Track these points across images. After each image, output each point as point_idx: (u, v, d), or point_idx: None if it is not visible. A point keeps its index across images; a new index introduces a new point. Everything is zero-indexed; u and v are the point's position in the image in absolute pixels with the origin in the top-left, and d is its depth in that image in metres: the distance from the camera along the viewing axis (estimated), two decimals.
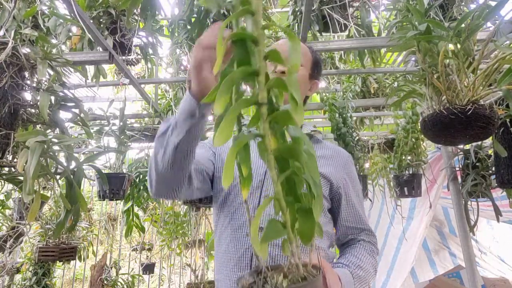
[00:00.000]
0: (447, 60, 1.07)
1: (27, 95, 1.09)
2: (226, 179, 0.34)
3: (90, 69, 1.87)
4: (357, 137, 1.92)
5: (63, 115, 1.17)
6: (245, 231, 0.88)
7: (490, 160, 1.74)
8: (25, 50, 1.08)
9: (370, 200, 2.04)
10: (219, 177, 0.97)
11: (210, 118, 0.88)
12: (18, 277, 3.01)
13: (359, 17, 1.76)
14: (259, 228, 0.83)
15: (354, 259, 0.90)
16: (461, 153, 1.90)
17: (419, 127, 1.70)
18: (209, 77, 0.64)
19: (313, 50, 1.04)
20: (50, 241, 2.40)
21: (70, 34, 1.69)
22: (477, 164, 1.76)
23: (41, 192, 0.97)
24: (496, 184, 1.44)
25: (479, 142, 1.76)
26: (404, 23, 1.24)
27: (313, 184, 0.36)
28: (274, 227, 0.36)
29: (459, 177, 1.93)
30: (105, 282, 3.23)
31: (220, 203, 0.96)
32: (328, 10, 1.68)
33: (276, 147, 0.37)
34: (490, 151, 1.76)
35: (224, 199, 0.95)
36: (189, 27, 1.73)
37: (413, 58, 1.62)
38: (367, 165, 2.17)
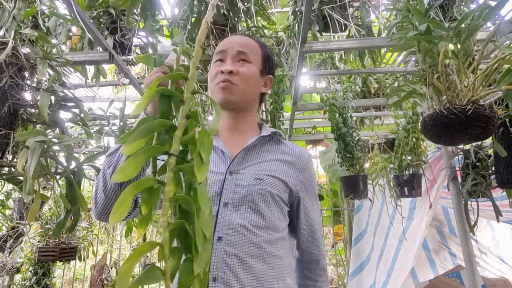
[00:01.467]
0: (447, 60, 1.07)
1: (27, 95, 1.09)
2: (114, 216, 0.34)
3: (90, 69, 1.87)
4: (357, 137, 1.92)
5: (63, 115, 1.17)
6: None
7: (490, 160, 1.74)
8: (25, 50, 1.08)
9: (370, 200, 2.05)
10: None
11: None
12: (18, 277, 3.01)
13: (359, 17, 1.76)
14: (217, 237, 0.83)
15: None
16: (461, 153, 1.90)
17: (420, 127, 1.70)
18: None
19: (263, 45, 1.02)
20: (50, 241, 2.40)
21: (70, 34, 1.69)
22: (477, 164, 1.76)
23: (41, 192, 0.97)
24: (496, 184, 1.44)
25: (479, 142, 1.76)
26: (404, 23, 1.24)
27: (202, 239, 0.37)
28: (152, 273, 0.36)
29: (459, 177, 1.93)
30: (105, 282, 3.23)
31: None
32: (328, 10, 1.68)
33: (173, 197, 0.39)
34: (490, 151, 1.76)
35: None
36: (189, 27, 1.73)
37: (413, 58, 1.62)
38: (367, 165, 2.17)
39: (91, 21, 1.40)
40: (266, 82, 1.02)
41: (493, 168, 1.64)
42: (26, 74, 1.08)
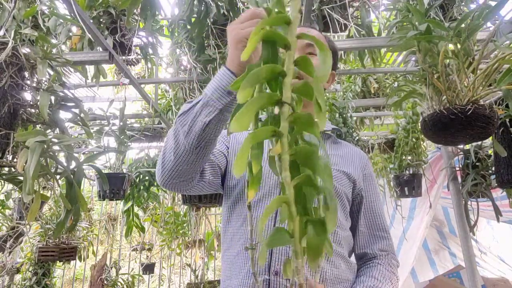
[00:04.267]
0: (447, 60, 1.07)
1: (27, 95, 1.09)
2: (238, 168, 0.32)
3: (90, 69, 1.87)
4: (357, 137, 1.92)
5: (63, 115, 1.17)
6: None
7: (490, 160, 1.74)
8: (25, 50, 1.08)
9: None
10: (232, 172, 0.88)
11: None
12: (18, 277, 3.01)
13: (359, 17, 1.76)
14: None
15: (370, 283, 0.80)
16: (461, 153, 1.90)
17: (420, 127, 1.70)
18: None
19: (329, 39, 0.98)
20: (50, 241, 2.40)
21: (70, 34, 1.69)
22: (477, 164, 1.76)
23: (41, 192, 0.97)
24: (496, 184, 1.44)
25: (479, 142, 1.76)
26: (404, 23, 1.24)
27: (329, 195, 0.34)
28: (280, 235, 0.34)
29: (459, 177, 1.93)
30: (105, 282, 3.23)
31: (232, 202, 0.87)
32: (328, 10, 1.68)
33: (293, 149, 0.35)
34: (490, 151, 1.76)
35: (237, 197, 0.86)
36: (189, 27, 1.73)
37: (413, 58, 1.61)
38: None
39: (91, 21, 1.40)
40: (330, 78, 0.97)
41: (493, 168, 1.64)
42: (26, 74, 1.08)
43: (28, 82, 1.08)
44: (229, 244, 0.86)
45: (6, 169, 1.06)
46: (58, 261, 2.63)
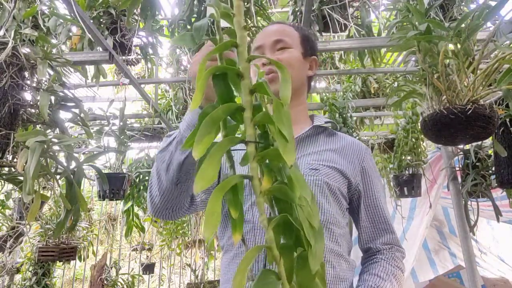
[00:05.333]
0: (447, 60, 1.07)
1: (27, 95, 1.09)
2: (207, 228, 0.30)
3: (90, 69, 1.87)
4: (357, 137, 1.92)
5: (63, 115, 1.17)
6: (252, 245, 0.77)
7: (490, 160, 1.74)
8: (25, 50, 1.08)
9: None
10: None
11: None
12: (18, 277, 3.01)
13: (359, 17, 1.76)
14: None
15: (372, 283, 0.79)
16: (461, 153, 1.90)
17: (419, 127, 1.70)
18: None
19: (299, 27, 0.96)
20: (50, 241, 2.40)
21: (70, 34, 1.69)
22: (477, 164, 1.76)
23: (41, 192, 0.97)
24: (496, 184, 1.44)
25: (479, 142, 1.76)
26: (404, 23, 1.24)
27: (310, 230, 0.32)
28: (266, 279, 0.32)
29: (459, 177, 1.93)
30: (105, 282, 3.23)
31: (224, 214, 0.87)
32: (328, 10, 1.68)
33: (267, 190, 0.33)
34: (490, 151, 1.76)
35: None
36: (189, 27, 1.73)
37: (413, 58, 1.61)
38: None
39: (91, 21, 1.40)
40: (311, 65, 0.95)
41: (493, 168, 1.64)
42: (26, 74, 1.08)
43: (28, 82, 1.08)
44: (226, 248, 0.87)
45: (6, 169, 1.06)
46: (58, 261, 2.63)
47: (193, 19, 1.70)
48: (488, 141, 1.75)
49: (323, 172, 0.82)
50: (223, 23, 0.41)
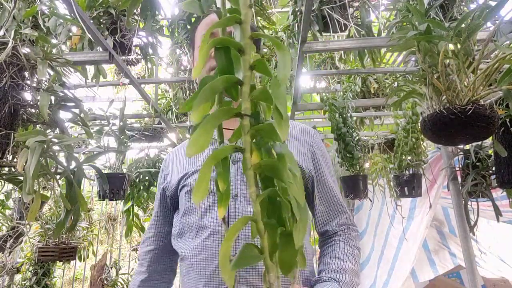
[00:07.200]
0: (447, 60, 1.07)
1: (27, 95, 1.09)
2: (197, 195, 0.30)
3: (90, 69, 1.87)
4: (357, 137, 1.92)
5: (63, 115, 1.17)
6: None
7: (490, 160, 1.74)
8: (25, 50, 1.07)
9: (370, 200, 2.05)
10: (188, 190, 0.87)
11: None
12: (18, 277, 3.01)
13: (359, 17, 1.76)
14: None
15: (335, 266, 0.80)
16: (461, 153, 1.90)
17: (419, 127, 1.70)
18: None
19: (252, 24, 0.96)
20: (50, 241, 2.40)
21: (70, 34, 1.69)
22: (477, 164, 1.76)
23: (41, 192, 0.97)
24: (496, 184, 1.44)
25: (479, 142, 1.76)
26: (404, 23, 1.24)
27: (296, 206, 0.33)
28: (249, 252, 0.33)
29: (459, 177, 1.93)
30: (105, 282, 3.23)
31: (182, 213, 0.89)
32: (328, 10, 1.68)
33: (257, 163, 0.34)
34: (490, 151, 1.76)
35: (186, 208, 0.87)
36: (189, 27, 1.73)
37: (413, 58, 1.62)
38: (367, 165, 2.17)
39: (91, 21, 1.40)
40: None
41: (493, 168, 1.64)
42: (26, 74, 1.08)
43: (28, 82, 1.08)
44: (183, 255, 0.87)
45: (6, 169, 1.06)
46: (58, 261, 2.63)
47: (193, 19, 1.70)
48: (488, 141, 1.75)
49: None
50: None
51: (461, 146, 1.90)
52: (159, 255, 0.98)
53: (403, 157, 1.86)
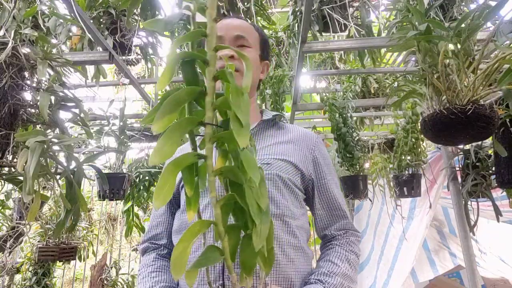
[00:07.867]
0: (447, 60, 1.07)
1: (27, 95, 1.09)
2: (158, 199, 0.31)
3: (90, 69, 1.87)
4: (357, 137, 1.92)
5: (63, 115, 1.17)
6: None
7: (490, 160, 1.74)
8: (25, 50, 1.07)
9: (370, 200, 2.05)
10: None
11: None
12: (18, 277, 3.01)
13: (359, 17, 1.76)
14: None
15: (325, 270, 0.79)
16: (461, 153, 1.90)
17: (419, 127, 1.70)
18: None
19: (258, 28, 0.96)
20: (50, 241, 2.40)
21: (70, 34, 1.69)
22: (477, 164, 1.76)
23: (41, 192, 0.97)
24: (496, 184, 1.44)
25: (479, 142, 1.76)
26: (404, 23, 1.24)
27: (256, 210, 0.33)
28: (210, 254, 0.34)
29: (459, 177, 1.93)
30: (105, 282, 3.23)
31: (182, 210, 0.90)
32: (328, 10, 1.68)
33: (218, 169, 0.35)
34: (490, 151, 1.76)
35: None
36: (189, 27, 1.73)
37: (413, 58, 1.61)
38: (367, 165, 2.17)
39: (91, 21, 1.40)
40: (263, 68, 0.97)
41: (493, 168, 1.64)
42: (26, 74, 1.08)
43: (28, 82, 1.08)
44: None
45: (6, 169, 1.06)
46: (58, 261, 2.63)
47: None
48: (488, 141, 1.75)
49: (275, 166, 0.84)
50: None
51: (461, 146, 1.90)
52: (169, 251, 0.96)
53: (403, 157, 1.86)
